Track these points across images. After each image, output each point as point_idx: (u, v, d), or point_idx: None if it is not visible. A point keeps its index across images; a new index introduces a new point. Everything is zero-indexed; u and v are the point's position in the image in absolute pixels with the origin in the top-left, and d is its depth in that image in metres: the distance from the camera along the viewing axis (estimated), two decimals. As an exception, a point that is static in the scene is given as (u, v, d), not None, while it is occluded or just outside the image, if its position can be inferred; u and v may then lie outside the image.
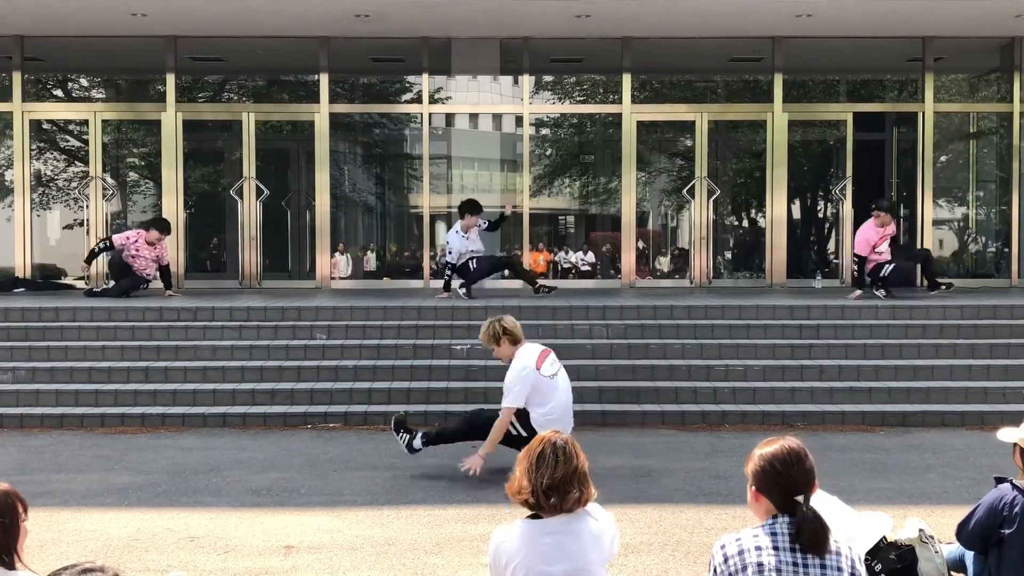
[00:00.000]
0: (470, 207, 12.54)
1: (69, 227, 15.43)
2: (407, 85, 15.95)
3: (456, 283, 12.36)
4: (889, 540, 4.84)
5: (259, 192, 14.33)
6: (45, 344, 10.39)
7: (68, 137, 15.92)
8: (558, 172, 17.27)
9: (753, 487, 3.12)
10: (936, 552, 4.83)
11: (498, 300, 11.56)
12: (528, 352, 7.14)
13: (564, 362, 10.01)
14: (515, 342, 7.22)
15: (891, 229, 12.41)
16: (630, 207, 14.55)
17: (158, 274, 12.96)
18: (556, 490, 3.27)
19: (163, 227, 12.85)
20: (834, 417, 9.29)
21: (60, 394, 9.64)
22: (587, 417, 9.21)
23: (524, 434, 6.93)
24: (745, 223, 17.24)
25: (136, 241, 12.73)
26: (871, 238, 12.21)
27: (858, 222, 14.58)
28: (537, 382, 7.01)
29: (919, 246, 14.17)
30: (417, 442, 7.46)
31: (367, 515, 6.41)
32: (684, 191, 14.84)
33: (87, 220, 14.43)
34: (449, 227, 16.54)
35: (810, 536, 2.96)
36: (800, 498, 3.01)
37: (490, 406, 7.97)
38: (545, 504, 3.28)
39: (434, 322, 10.75)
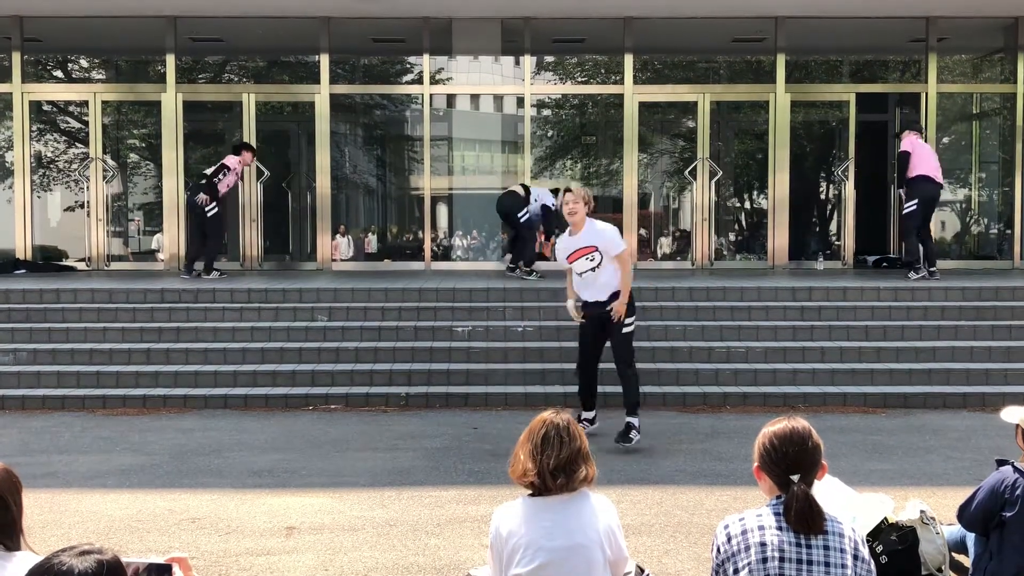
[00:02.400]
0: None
1: (70, 209, 15.40)
2: (408, 66, 15.86)
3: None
4: (891, 521, 4.83)
5: (259, 173, 14.29)
6: (46, 326, 10.39)
7: (68, 118, 15.87)
8: (559, 153, 17.19)
9: (756, 464, 3.12)
10: (937, 533, 4.83)
11: (499, 281, 11.54)
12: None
13: (565, 344, 10.07)
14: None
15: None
16: (632, 188, 14.51)
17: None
18: (563, 471, 3.28)
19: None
20: (836, 399, 9.29)
21: (61, 375, 9.64)
22: (588, 398, 9.21)
23: None
24: (747, 204, 17.19)
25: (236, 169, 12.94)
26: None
27: (860, 203, 14.56)
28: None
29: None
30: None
31: (368, 496, 6.42)
32: (686, 172, 14.78)
33: (87, 202, 14.40)
34: (450, 209, 16.52)
35: (797, 515, 2.94)
36: (795, 477, 3.00)
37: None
38: (552, 485, 3.28)
39: (435, 304, 10.74)
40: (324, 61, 14.26)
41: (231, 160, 12.79)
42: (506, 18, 14.38)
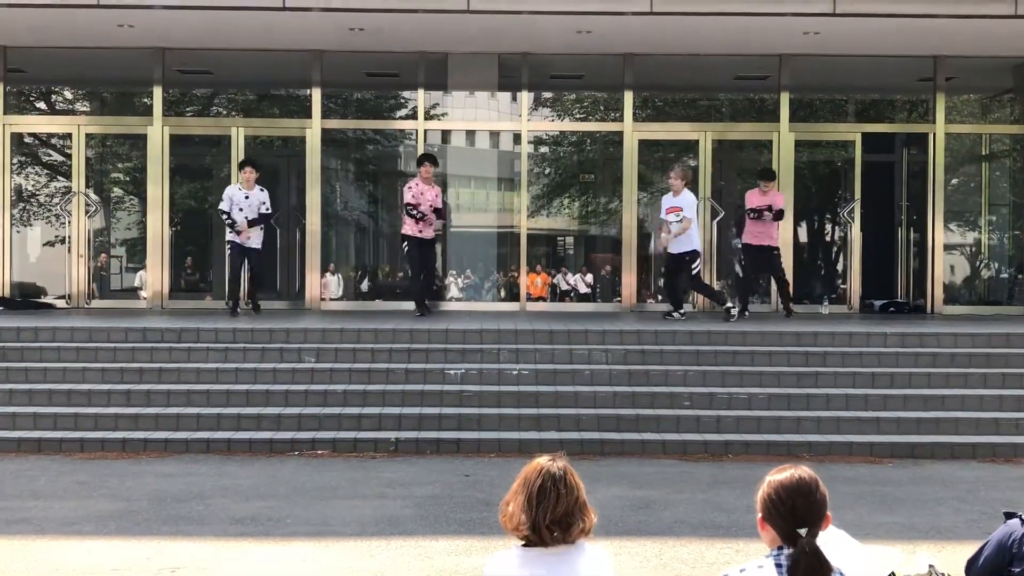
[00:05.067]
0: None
1: (50, 244, 15.42)
2: (402, 101, 15.99)
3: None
4: (898, 576, 4.82)
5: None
6: (23, 365, 10.37)
7: (51, 151, 15.93)
8: (557, 191, 17.28)
9: (759, 514, 3.12)
10: (946, 589, 4.82)
11: (493, 322, 11.56)
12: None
13: (561, 388, 10.07)
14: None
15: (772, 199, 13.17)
16: (631, 228, 14.59)
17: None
18: (559, 524, 3.24)
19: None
20: (841, 448, 9.29)
21: (38, 417, 9.61)
22: (585, 445, 9.21)
23: None
24: (750, 246, 17.24)
25: (418, 186, 12.88)
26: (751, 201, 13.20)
27: (867, 246, 14.64)
28: None
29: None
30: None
31: (355, 546, 6.39)
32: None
33: (69, 237, 14.42)
34: (444, 248, 16.56)
35: (806, 571, 2.94)
36: (803, 531, 3.01)
37: None
38: (549, 539, 3.25)
39: (427, 345, 10.75)
40: (316, 95, 14.38)
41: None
42: (503, 53, 14.53)
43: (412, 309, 13.04)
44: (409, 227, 12.85)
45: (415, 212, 12.70)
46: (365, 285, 16.36)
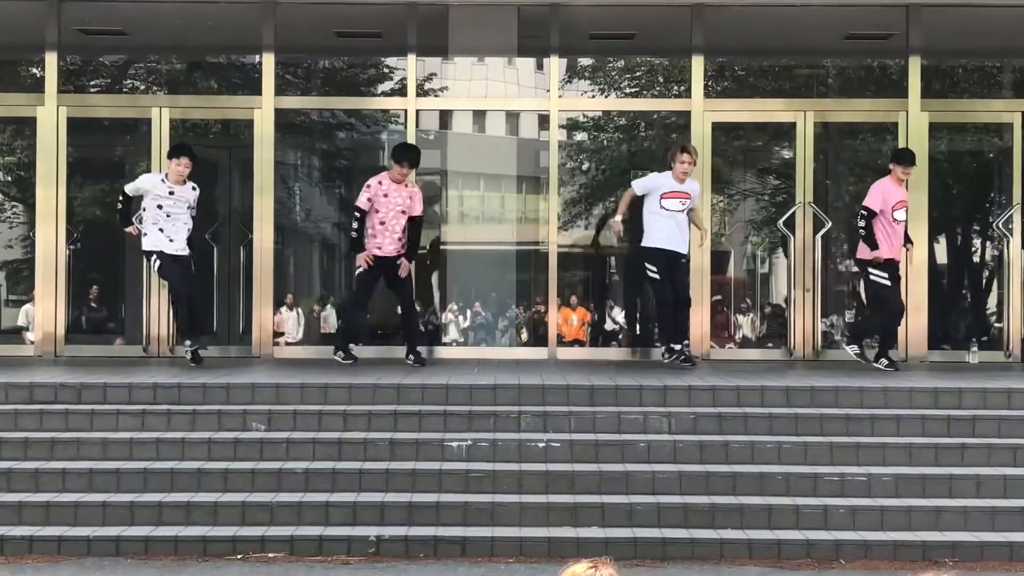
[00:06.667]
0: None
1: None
2: (386, 71, 16.07)
3: None
4: None
5: (174, 220, 14.39)
6: None
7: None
8: (599, 194, 17.30)
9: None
10: None
11: (511, 375, 11.52)
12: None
13: (609, 466, 10.01)
14: None
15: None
16: (703, 245, 14.55)
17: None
18: None
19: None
20: (998, 551, 9.19)
21: None
22: (641, 547, 9.15)
23: None
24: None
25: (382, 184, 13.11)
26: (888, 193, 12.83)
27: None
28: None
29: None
30: None
31: None
32: (780, 223, 14.84)
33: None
34: (443, 271, 16.57)
35: None
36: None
37: None
38: None
39: (420, 407, 10.73)
40: (268, 63, 14.42)
41: None
42: (524, 4, 14.56)
43: (404, 356, 13.16)
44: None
45: (356, 219, 13.15)
46: (334, 323, 16.37)
